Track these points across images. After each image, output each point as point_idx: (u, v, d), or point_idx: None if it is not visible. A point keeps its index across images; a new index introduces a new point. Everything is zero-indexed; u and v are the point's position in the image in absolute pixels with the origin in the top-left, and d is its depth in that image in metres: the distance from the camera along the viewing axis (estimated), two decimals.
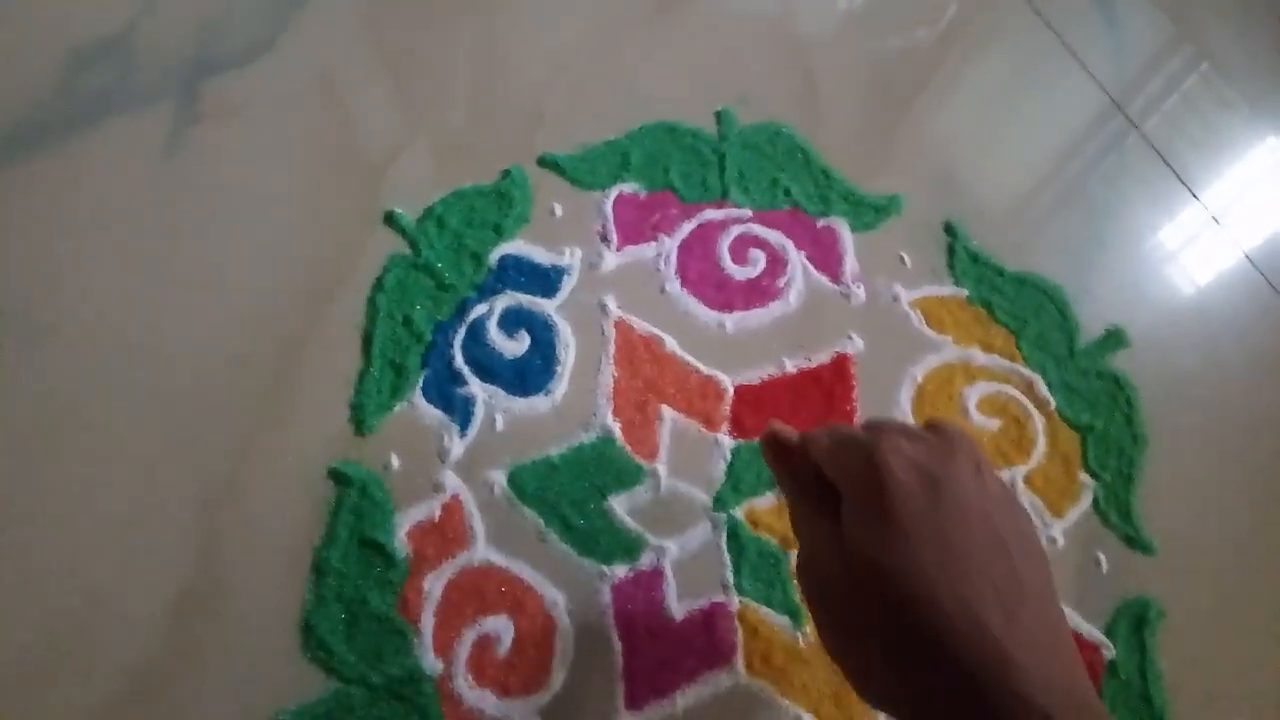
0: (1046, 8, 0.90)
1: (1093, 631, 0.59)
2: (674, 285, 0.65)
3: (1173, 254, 0.77)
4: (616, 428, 0.60)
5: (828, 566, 0.40)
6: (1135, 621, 0.60)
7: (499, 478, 0.57)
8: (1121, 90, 0.86)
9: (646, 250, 0.67)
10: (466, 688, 0.51)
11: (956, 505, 0.38)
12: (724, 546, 0.58)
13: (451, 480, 0.56)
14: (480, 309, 0.62)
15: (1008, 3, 0.91)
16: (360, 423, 0.57)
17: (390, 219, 0.64)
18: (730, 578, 0.57)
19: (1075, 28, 0.89)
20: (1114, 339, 0.70)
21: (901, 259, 0.70)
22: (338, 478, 0.55)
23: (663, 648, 0.54)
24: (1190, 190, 0.82)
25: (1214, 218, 0.81)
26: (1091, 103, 0.85)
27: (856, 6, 0.87)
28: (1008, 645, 0.35)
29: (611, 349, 0.62)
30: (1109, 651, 0.59)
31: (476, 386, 0.59)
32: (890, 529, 0.37)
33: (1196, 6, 0.97)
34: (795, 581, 0.56)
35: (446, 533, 0.55)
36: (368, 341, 0.60)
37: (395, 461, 0.56)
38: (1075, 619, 0.59)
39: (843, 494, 0.40)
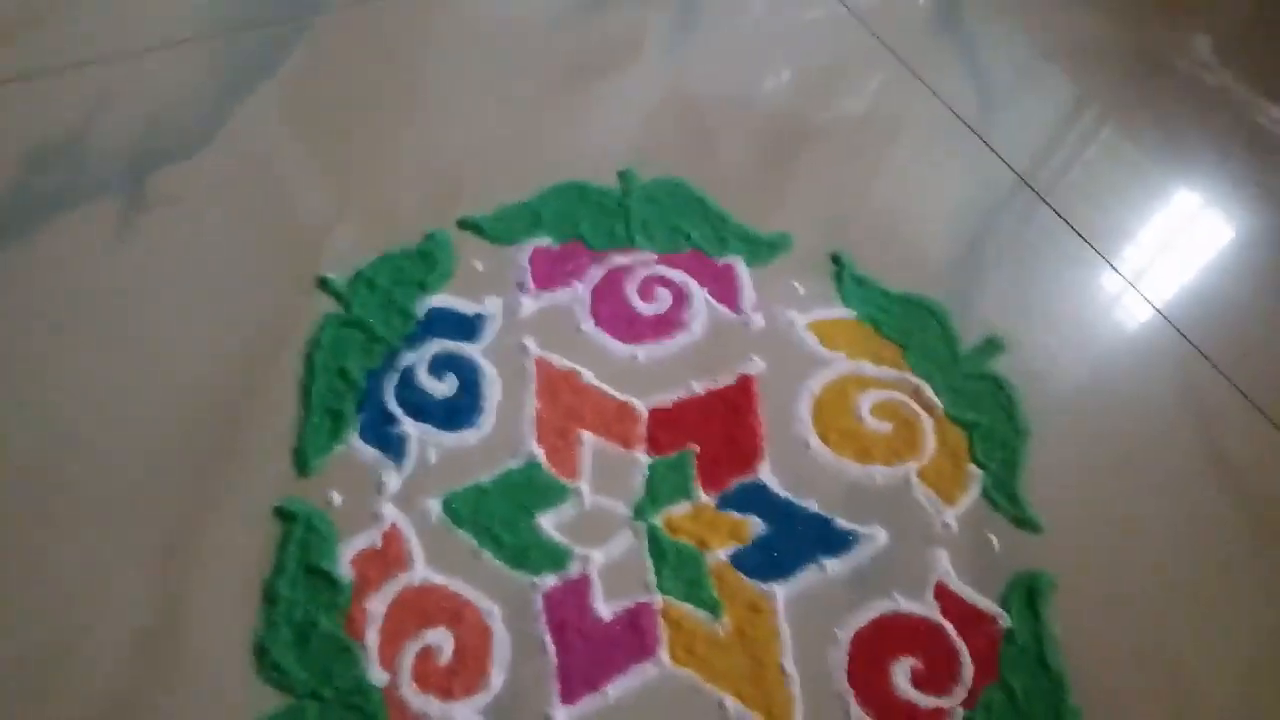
0: (923, 72, 1.00)
1: (989, 605, 0.64)
2: (588, 324, 0.72)
3: (1046, 267, 0.85)
4: (541, 453, 0.65)
5: None
6: (1028, 593, 0.65)
7: (434, 505, 0.62)
8: (1002, 138, 0.95)
9: (562, 295, 0.73)
10: (412, 694, 0.56)
11: None
12: (645, 552, 0.63)
13: (390, 510, 0.62)
14: (410, 357, 0.68)
15: (892, 71, 1.00)
16: (303, 465, 0.62)
17: (323, 283, 0.70)
18: (653, 579, 0.62)
19: (954, 90, 0.99)
20: (992, 345, 0.77)
21: (795, 288, 0.78)
22: (284, 515, 0.60)
23: (593, 646, 0.59)
24: (1057, 211, 0.90)
25: (1080, 235, 0.89)
26: (971, 148, 0.94)
27: (753, 77, 0.96)
28: None
29: (533, 384, 0.68)
30: (1005, 621, 0.64)
31: (410, 425, 0.65)
32: None
33: (1071, 63, 1.07)
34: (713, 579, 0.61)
35: (387, 557, 0.60)
36: (306, 393, 0.65)
37: (336, 498, 0.62)
38: (973, 594, 0.65)
39: None
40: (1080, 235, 0.89)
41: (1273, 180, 0.96)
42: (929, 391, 0.73)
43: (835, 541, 0.65)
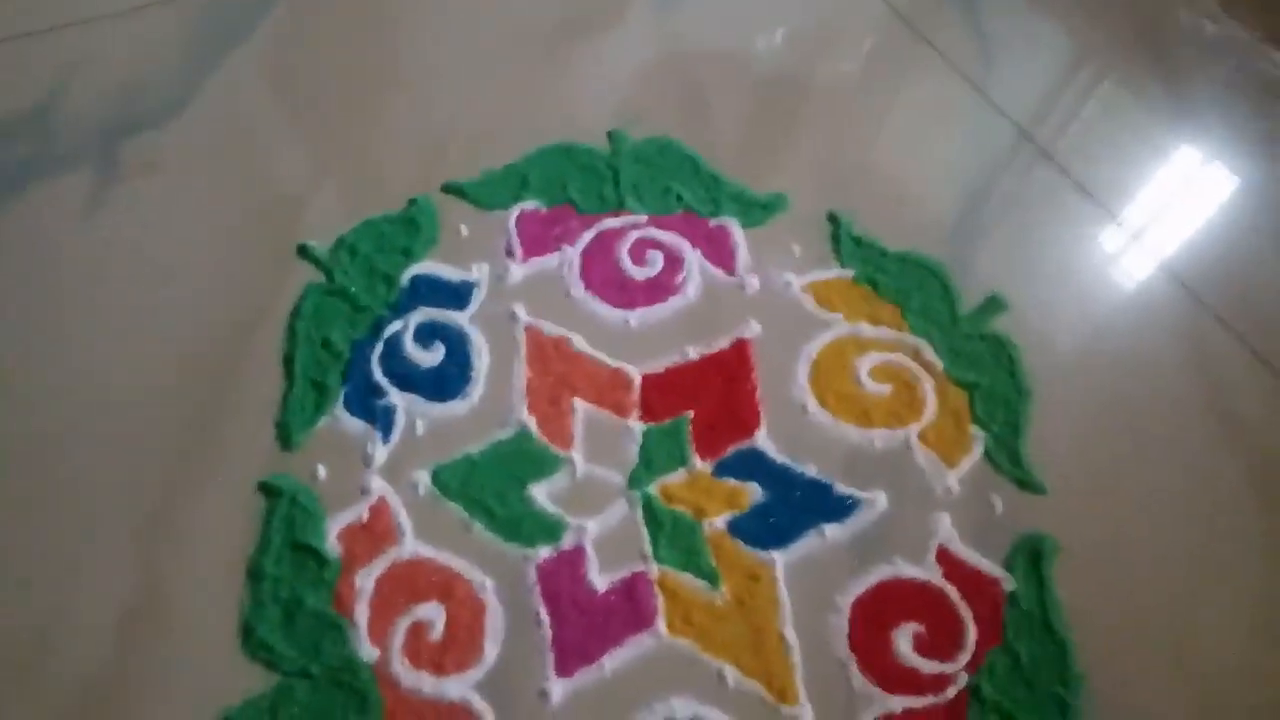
0: (923, 28, 0.97)
1: (992, 568, 0.63)
2: (579, 289, 0.70)
3: (1050, 229, 0.83)
4: (532, 423, 0.64)
5: None
6: (1032, 556, 0.64)
7: (423, 477, 0.61)
8: (1003, 95, 0.93)
9: (550, 260, 0.71)
10: (403, 671, 0.54)
11: None
12: (640, 521, 0.61)
13: (377, 483, 0.60)
14: (395, 325, 0.66)
15: (892, 29, 0.97)
16: (286, 438, 0.61)
17: (303, 251, 0.68)
18: (649, 548, 0.60)
19: (954, 44, 0.96)
20: (994, 304, 0.75)
21: (791, 249, 0.76)
22: (268, 490, 0.59)
23: (588, 618, 0.58)
24: (1062, 170, 0.88)
25: (1083, 187, 0.87)
26: (971, 106, 0.92)
27: (745, 32, 0.93)
28: None
29: (523, 352, 0.67)
30: (1009, 584, 0.63)
31: (396, 396, 0.63)
32: None
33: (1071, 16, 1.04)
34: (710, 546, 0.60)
35: (375, 531, 0.58)
36: (289, 364, 0.64)
37: (322, 471, 0.60)
38: (976, 558, 0.63)
39: None
40: (1083, 190, 0.87)
41: (1277, 129, 0.94)
42: (929, 352, 0.72)
43: (835, 507, 0.64)
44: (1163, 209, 0.87)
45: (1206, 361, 0.76)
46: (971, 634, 0.60)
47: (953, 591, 0.62)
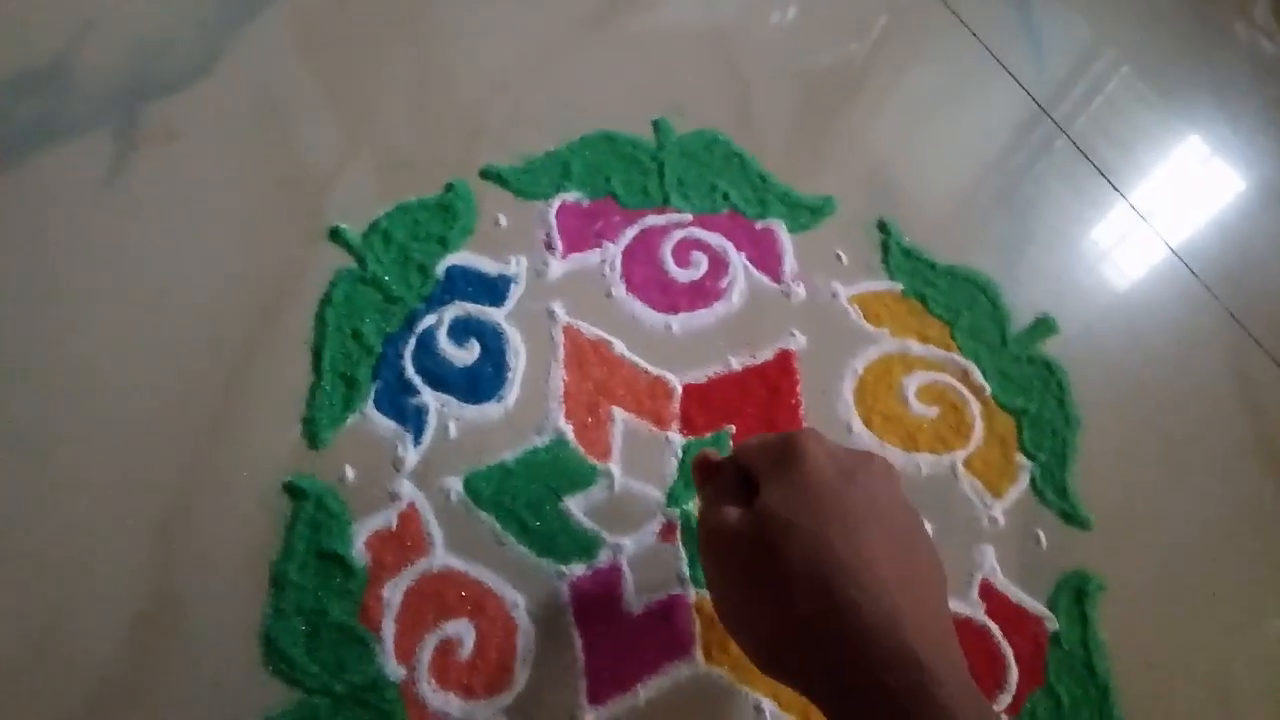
0: (971, 18, 0.93)
1: (1036, 605, 0.61)
2: (620, 290, 0.67)
3: (1098, 245, 0.81)
4: (569, 430, 0.61)
5: (732, 536, 0.43)
6: (1076, 594, 0.62)
7: (455, 484, 0.58)
8: (1047, 94, 0.90)
9: (591, 257, 0.68)
10: (430, 691, 0.52)
11: (865, 493, 0.42)
12: (679, 540, 0.59)
13: (407, 489, 0.57)
14: (429, 320, 0.63)
15: (936, 16, 0.94)
16: (313, 436, 0.58)
17: (335, 234, 0.64)
18: (686, 571, 0.58)
19: (999, 37, 0.93)
20: (1044, 326, 0.73)
21: (838, 257, 0.73)
22: (293, 492, 0.56)
23: (623, 642, 0.55)
24: (1111, 183, 0.85)
25: (1136, 210, 0.84)
26: (1018, 107, 0.89)
27: (788, 20, 0.90)
28: (899, 600, 0.38)
29: (561, 354, 0.63)
30: (1052, 624, 0.61)
31: (429, 396, 0.60)
32: (801, 493, 0.41)
33: (1116, 9, 1.01)
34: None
35: (404, 540, 0.55)
36: (317, 356, 0.60)
37: (350, 473, 0.57)
38: (1019, 594, 0.62)
39: (761, 478, 0.44)
40: (1135, 210, 0.84)
41: None
42: (977, 374, 0.69)
43: None
44: (1214, 234, 0.85)
45: (1253, 394, 0.74)
46: (1014, 674, 0.58)
47: (995, 629, 0.60)
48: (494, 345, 0.63)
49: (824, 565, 0.39)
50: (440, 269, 0.65)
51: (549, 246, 0.68)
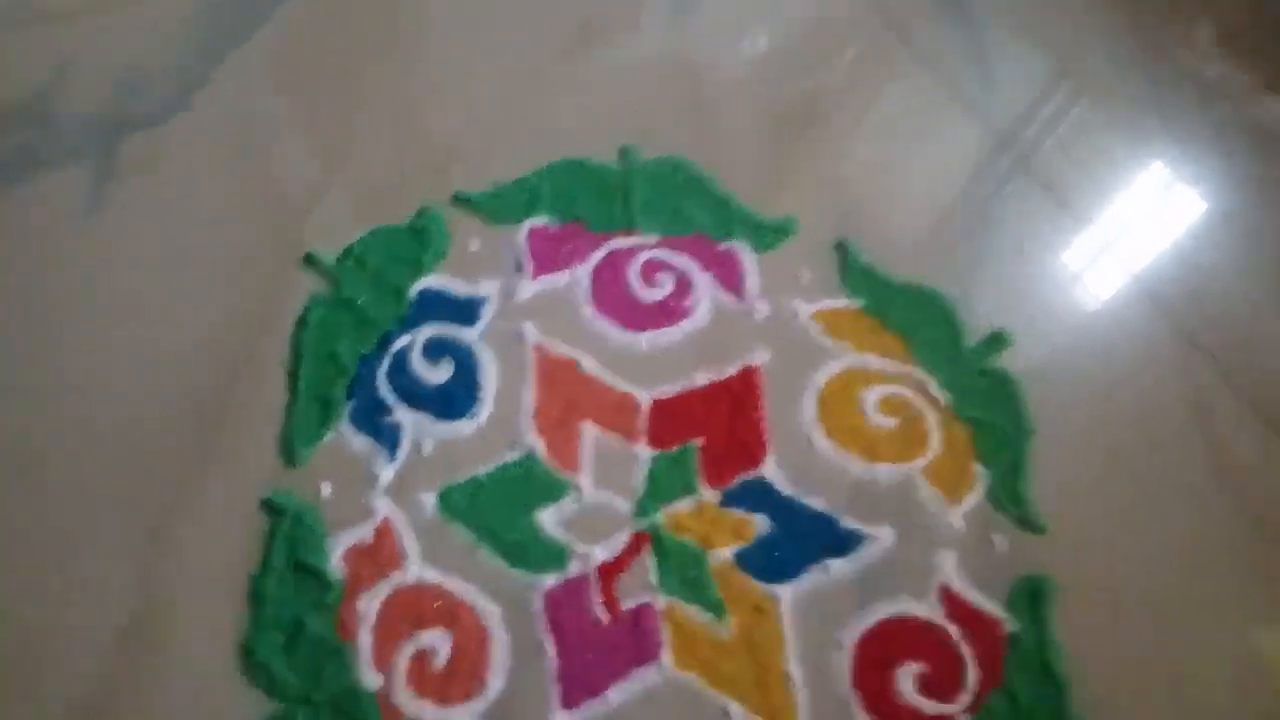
0: (927, 52, 0.97)
1: (994, 608, 0.63)
2: (588, 310, 0.69)
3: (1053, 264, 0.83)
4: (540, 445, 0.63)
5: None
6: (1032, 597, 0.64)
7: (429, 499, 0.60)
8: (1002, 121, 0.93)
9: (560, 278, 0.70)
10: (406, 700, 0.53)
11: None
12: (648, 550, 0.61)
13: (383, 504, 0.59)
14: (403, 340, 0.65)
15: (895, 50, 0.97)
16: (291, 454, 0.59)
17: (311, 260, 0.67)
18: (655, 579, 0.60)
19: (954, 69, 0.96)
20: (998, 340, 0.75)
21: (800, 276, 0.75)
22: (271, 508, 0.57)
23: (594, 649, 0.57)
24: (1064, 203, 0.88)
25: (1085, 227, 0.87)
26: (973, 133, 0.92)
27: (757, 51, 0.93)
28: None
29: (531, 372, 0.66)
30: (1009, 626, 0.63)
31: (403, 414, 0.62)
32: None
33: (1068, 42, 1.05)
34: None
35: (380, 554, 0.57)
36: (294, 377, 0.62)
37: (326, 490, 0.59)
38: (977, 597, 0.63)
39: None
40: (1084, 222, 0.87)
41: (1274, 177, 0.95)
42: (934, 387, 0.72)
43: (840, 542, 0.63)
44: (1166, 254, 0.88)
45: (1202, 403, 0.77)
46: (972, 675, 0.60)
47: (955, 631, 0.62)
48: (466, 364, 0.65)
49: None
50: (414, 292, 0.67)
51: (519, 269, 0.70)
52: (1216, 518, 0.71)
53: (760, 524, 0.63)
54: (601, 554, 0.60)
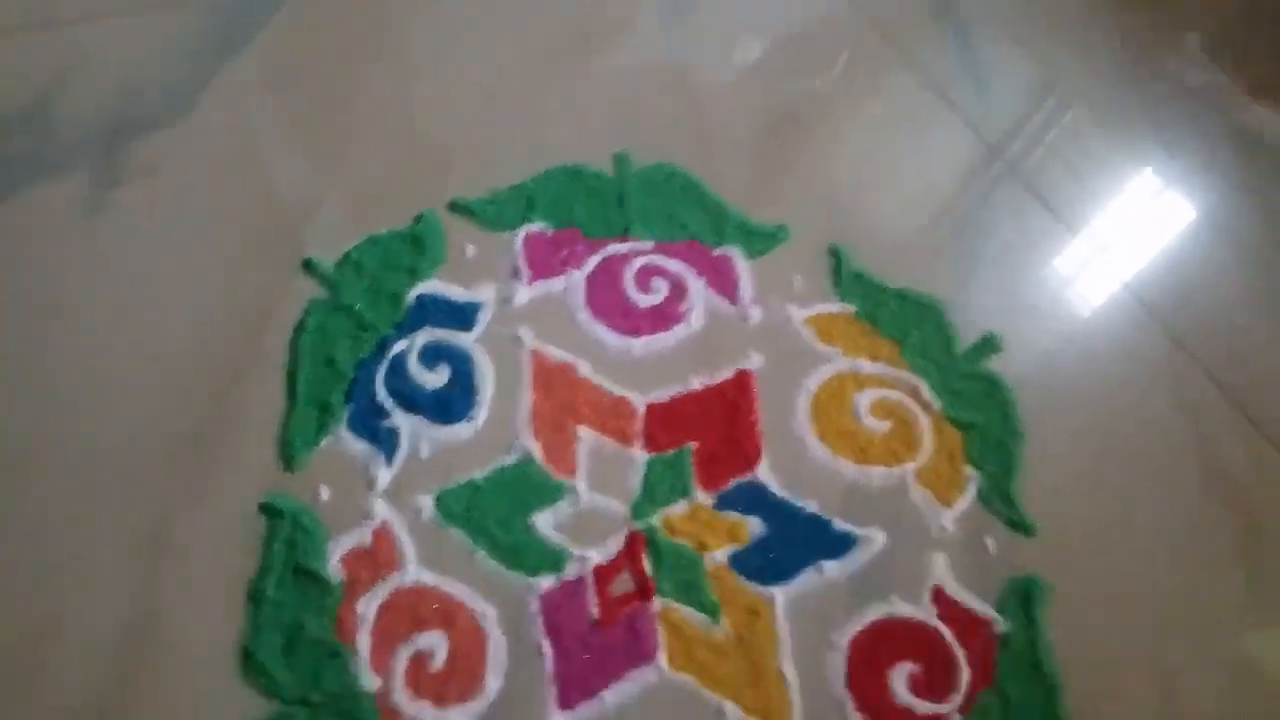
0: (919, 61, 0.98)
1: (985, 609, 0.64)
2: (584, 315, 0.70)
3: (1044, 270, 0.85)
4: (536, 449, 0.63)
5: None
6: (1023, 597, 0.65)
7: (426, 502, 0.60)
8: (994, 130, 0.94)
9: (556, 284, 0.71)
10: (405, 701, 0.54)
11: None
12: (644, 553, 0.61)
13: (380, 507, 0.59)
14: (400, 345, 0.65)
15: (888, 58, 0.99)
16: (289, 458, 0.60)
17: (309, 266, 0.67)
18: (651, 581, 0.60)
19: (946, 78, 0.98)
20: (988, 344, 0.76)
21: (793, 281, 0.76)
22: (269, 511, 0.58)
23: (590, 650, 0.57)
24: (1054, 211, 0.89)
25: (1076, 233, 0.88)
26: (965, 141, 0.93)
27: (750, 58, 0.94)
28: None
29: (528, 376, 0.66)
30: (1001, 626, 0.64)
31: (400, 418, 0.63)
32: None
33: (1058, 51, 1.06)
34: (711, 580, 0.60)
35: (378, 557, 0.58)
36: (292, 381, 0.63)
37: (325, 493, 0.59)
38: (969, 598, 0.64)
39: None
40: (1073, 229, 0.88)
41: (1260, 183, 0.96)
42: (926, 391, 0.72)
43: (834, 544, 0.64)
44: (1155, 258, 0.89)
45: (1193, 410, 0.78)
46: (964, 675, 0.61)
47: (947, 632, 0.62)
48: (463, 369, 0.65)
49: None
50: (411, 297, 0.68)
51: (516, 274, 0.71)
52: (1206, 519, 0.72)
53: (754, 526, 0.64)
54: (597, 556, 0.60)
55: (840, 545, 0.64)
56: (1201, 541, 0.71)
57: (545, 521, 0.61)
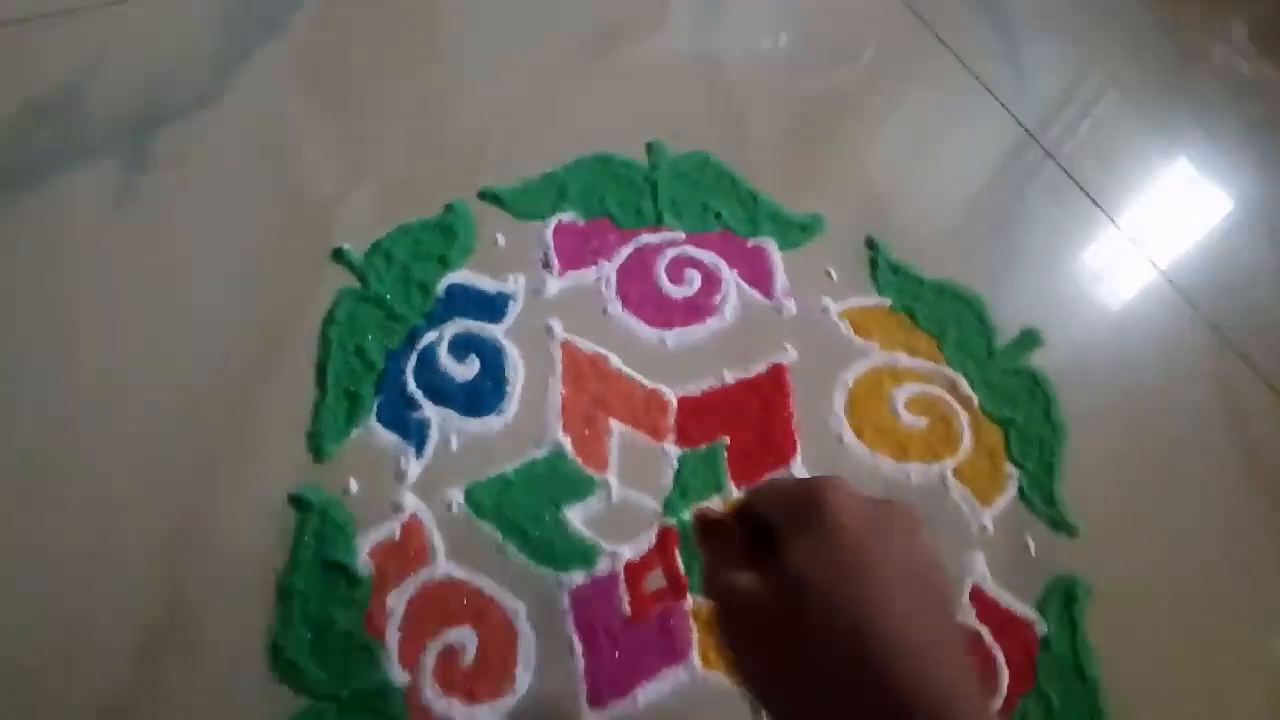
0: (957, 45, 0.96)
1: (1026, 610, 0.63)
2: (615, 306, 0.69)
3: (1083, 262, 0.83)
4: (567, 442, 0.62)
5: (758, 607, 0.38)
6: (1065, 599, 0.63)
7: (456, 495, 0.59)
8: (1032, 117, 0.92)
9: (588, 275, 0.70)
10: (434, 697, 0.53)
11: (895, 550, 0.38)
12: (676, 549, 0.60)
13: (410, 500, 0.58)
14: (430, 336, 0.64)
15: (924, 43, 0.97)
16: (318, 450, 0.59)
17: (339, 255, 0.67)
18: (684, 578, 0.59)
19: (985, 63, 0.96)
20: (1029, 339, 0.75)
21: (828, 273, 0.75)
22: (298, 504, 0.57)
23: (621, 648, 0.56)
24: (1095, 201, 0.87)
25: (1118, 226, 0.86)
26: (1003, 129, 0.91)
27: (780, 47, 0.92)
28: (931, 661, 0.35)
29: (559, 369, 0.65)
30: (1041, 628, 0.62)
31: (430, 410, 0.62)
32: (829, 552, 0.37)
33: (1099, 36, 1.04)
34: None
35: (407, 550, 0.57)
36: (322, 372, 0.62)
37: (354, 485, 0.58)
38: (1009, 599, 0.63)
39: (780, 532, 0.40)
40: (1114, 222, 0.86)
41: None
42: (965, 386, 0.71)
43: None
44: (1196, 249, 0.87)
45: (1237, 405, 0.76)
46: (1004, 677, 0.60)
47: (987, 633, 0.61)
48: (493, 360, 0.64)
49: (858, 633, 0.35)
50: (441, 287, 0.67)
51: (546, 265, 0.70)
52: (1252, 519, 0.70)
53: None
54: (629, 552, 0.59)
55: None
56: (1248, 541, 0.69)
57: (576, 516, 0.60)
